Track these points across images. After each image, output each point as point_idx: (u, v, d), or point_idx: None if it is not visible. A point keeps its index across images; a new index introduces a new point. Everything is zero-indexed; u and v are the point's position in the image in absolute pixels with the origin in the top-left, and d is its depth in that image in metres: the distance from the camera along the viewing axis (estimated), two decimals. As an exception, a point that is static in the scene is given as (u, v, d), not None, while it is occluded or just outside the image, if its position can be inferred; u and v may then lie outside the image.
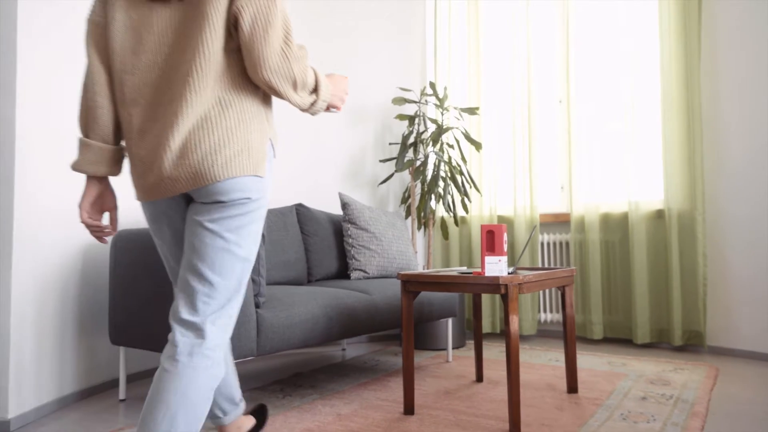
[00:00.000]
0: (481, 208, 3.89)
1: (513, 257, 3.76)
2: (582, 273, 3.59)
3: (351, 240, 3.04)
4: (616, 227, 3.54)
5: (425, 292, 2.54)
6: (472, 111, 3.69)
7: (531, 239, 2.81)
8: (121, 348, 2.33)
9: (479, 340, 2.57)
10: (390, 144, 3.86)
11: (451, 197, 3.68)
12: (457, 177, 3.67)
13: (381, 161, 3.74)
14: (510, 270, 2.15)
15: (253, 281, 2.09)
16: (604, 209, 3.58)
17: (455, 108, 3.76)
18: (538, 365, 2.89)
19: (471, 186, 3.72)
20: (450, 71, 4.06)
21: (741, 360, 3.01)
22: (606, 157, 3.61)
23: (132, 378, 2.63)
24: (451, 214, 3.67)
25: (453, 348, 3.40)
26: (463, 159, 3.70)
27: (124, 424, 2.05)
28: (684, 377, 2.61)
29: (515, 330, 1.88)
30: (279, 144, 3.54)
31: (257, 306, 2.09)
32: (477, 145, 3.65)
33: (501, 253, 1.97)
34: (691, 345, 3.29)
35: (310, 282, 3.00)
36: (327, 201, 3.82)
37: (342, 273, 3.14)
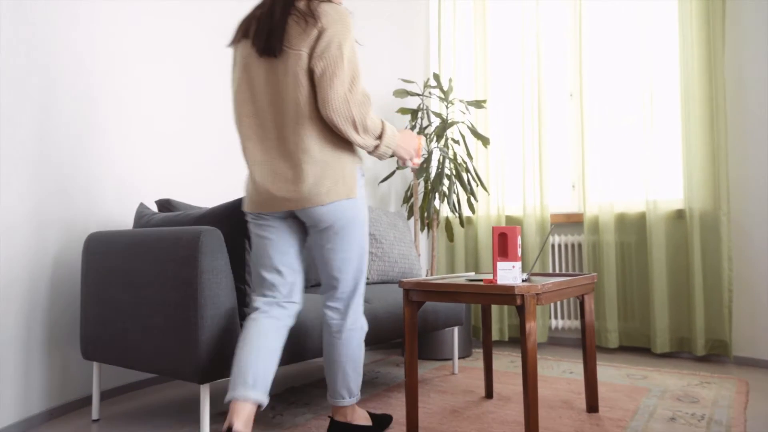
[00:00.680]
0: (488, 207, 3.66)
1: (524, 262, 3.54)
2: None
3: (349, 242, 2.81)
4: (632, 228, 3.31)
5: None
6: (478, 104, 3.47)
7: (544, 243, 2.54)
8: (95, 363, 2.11)
9: (489, 352, 2.35)
10: (391, 140, 3.63)
11: (457, 196, 3.46)
12: (463, 174, 3.45)
13: (382, 158, 3.52)
14: (524, 277, 1.93)
15: (239, 290, 1.87)
16: (619, 209, 3.35)
17: (461, 101, 3.53)
18: (551, 378, 2.66)
19: (478, 184, 3.50)
20: (455, 62, 3.84)
21: (770, 372, 2.78)
22: (621, 154, 3.38)
23: (106, 395, 2.40)
24: (457, 214, 3.44)
25: (459, 358, 3.17)
26: (469, 155, 3.46)
27: (93, 450, 1.83)
28: (713, 393, 2.38)
29: (533, 348, 1.66)
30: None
31: (243, 318, 1.88)
32: (484, 141, 3.42)
33: (515, 259, 1.75)
34: (715, 355, 3.07)
35: (305, 288, 2.78)
36: (324, 200, 3.59)
37: (340, 278, 2.91)
